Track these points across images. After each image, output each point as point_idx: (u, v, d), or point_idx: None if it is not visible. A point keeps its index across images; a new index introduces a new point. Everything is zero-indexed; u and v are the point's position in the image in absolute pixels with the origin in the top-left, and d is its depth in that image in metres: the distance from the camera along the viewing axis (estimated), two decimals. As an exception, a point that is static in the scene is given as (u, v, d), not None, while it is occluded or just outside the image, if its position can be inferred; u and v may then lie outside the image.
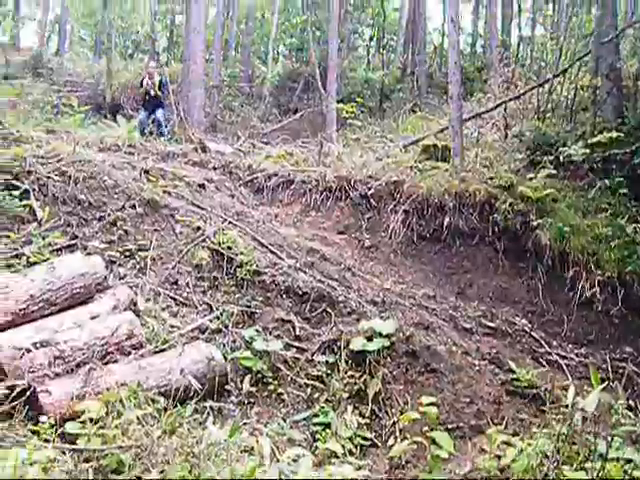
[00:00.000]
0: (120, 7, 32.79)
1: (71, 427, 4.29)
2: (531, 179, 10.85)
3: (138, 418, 4.38)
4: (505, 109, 15.81)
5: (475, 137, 15.16)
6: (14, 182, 7.02)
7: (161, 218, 7.44)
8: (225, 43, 31.25)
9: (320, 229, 10.19)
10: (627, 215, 10.80)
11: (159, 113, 16.19)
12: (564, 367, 7.19)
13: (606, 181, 11.46)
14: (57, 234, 6.63)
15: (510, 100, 16.28)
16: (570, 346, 8.50)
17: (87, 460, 3.96)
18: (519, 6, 31.38)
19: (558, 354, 7.85)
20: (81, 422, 4.28)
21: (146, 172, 9.07)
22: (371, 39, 35.50)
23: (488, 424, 5.39)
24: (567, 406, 5.53)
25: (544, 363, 7.14)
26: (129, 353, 5.22)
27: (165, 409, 4.62)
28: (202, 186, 9.59)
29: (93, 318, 5.37)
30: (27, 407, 4.44)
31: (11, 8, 38.23)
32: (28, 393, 4.45)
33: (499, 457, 4.83)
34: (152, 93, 15.98)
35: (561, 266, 9.79)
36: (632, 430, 5.34)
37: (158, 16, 34.67)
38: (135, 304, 5.84)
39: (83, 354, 4.94)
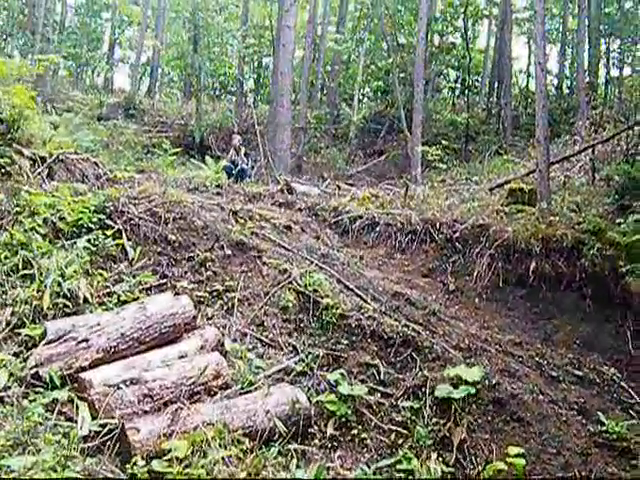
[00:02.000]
0: (209, 50, 33.67)
1: (158, 465, 4.35)
2: (620, 224, 10.61)
3: (223, 459, 4.42)
4: (593, 152, 15.59)
5: (562, 180, 14.95)
6: (108, 222, 7.25)
7: (248, 259, 7.56)
8: (312, 85, 31.71)
9: (405, 272, 10.16)
10: None
11: (244, 165, 16.68)
12: (655, 419, 6.92)
13: (700, 227, 11.13)
14: (147, 273, 6.81)
15: (598, 143, 16.06)
16: (661, 397, 8.19)
17: (173, 498, 4.02)
18: (607, 47, 30.94)
19: (649, 405, 7.57)
20: (167, 460, 4.36)
21: (234, 213, 9.23)
22: (456, 81, 35.53)
23: (576, 477, 5.25)
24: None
25: (634, 414, 6.89)
26: (215, 393, 5.29)
27: (250, 450, 4.66)
28: (288, 228, 9.69)
29: (181, 357, 5.47)
30: (116, 444, 4.54)
31: (106, 51, 39.85)
32: (117, 430, 4.55)
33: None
34: (239, 166, 16.48)
35: (651, 312, 9.51)
36: None
37: (246, 58, 35.47)
38: (222, 344, 5.93)
39: (171, 393, 5.03)
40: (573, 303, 9.70)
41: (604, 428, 5.87)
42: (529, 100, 28.91)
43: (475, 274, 9.93)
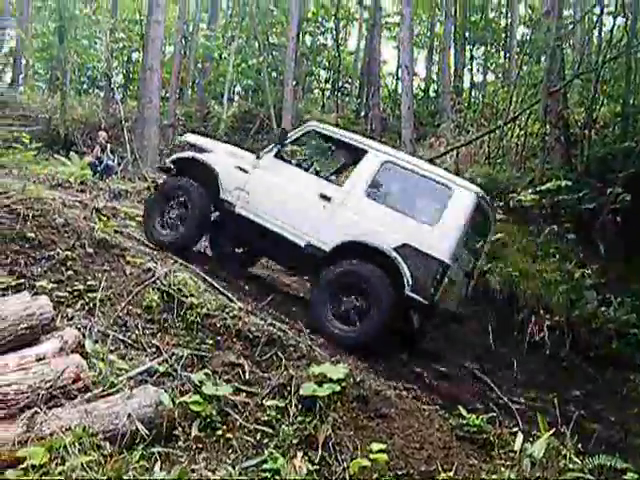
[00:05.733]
0: (76, 42, 32.68)
1: (12, 474, 4.16)
2: (482, 224, 11.00)
3: (83, 464, 4.28)
4: (457, 154, 16.10)
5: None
6: (-40, 219, 6.92)
7: (111, 258, 7.36)
8: (182, 82, 31.36)
9: (274, 270, 10.20)
10: (574, 260, 11.02)
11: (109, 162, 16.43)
12: (514, 411, 7.21)
13: (555, 226, 11.71)
14: (4, 273, 6.52)
15: (462, 146, 16.60)
16: (519, 390, 8.56)
17: (28, 509, 3.87)
18: (471, 53, 32.09)
19: (507, 398, 7.90)
20: (23, 469, 4.17)
21: (97, 211, 8.99)
22: (326, 82, 35.93)
23: (438, 470, 5.38)
24: (516, 451, 5.59)
25: (493, 407, 7.16)
26: (75, 397, 5.10)
27: (111, 455, 4.53)
28: (154, 226, 9.49)
29: (39, 360, 5.25)
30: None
31: (-35, 40, 37.99)
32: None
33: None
34: (105, 162, 16.21)
35: (511, 310, 9.91)
36: (580, 476, 5.39)
37: (115, 53, 34.66)
38: (83, 346, 5.73)
39: (27, 398, 4.82)
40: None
41: (465, 421, 6.05)
42: (397, 102, 29.59)
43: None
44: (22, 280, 6.53)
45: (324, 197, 8.59)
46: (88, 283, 6.75)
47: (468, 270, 8.82)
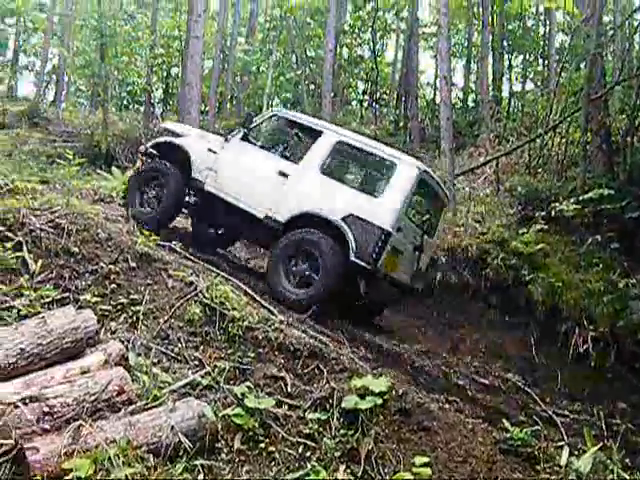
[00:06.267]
0: (116, 59, 33.09)
1: (59, 486, 4.22)
2: (523, 234, 10.91)
3: (127, 477, 4.32)
4: (497, 164, 15.99)
5: (467, 192, 15.27)
6: (8, 233, 7.02)
7: (154, 272, 7.42)
8: (221, 96, 31.56)
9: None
10: (618, 270, 10.84)
11: None
12: (558, 424, 7.11)
13: (597, 236, 11.55)
14: (49, 287, 6.61)
15: (502, 155, 16.48)
16: (564, 402, 8.43)
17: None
18: (510, 62, 31.86)
19: (552, 411, 7.78)
20: (69, 480, 4.22)
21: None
22: (364, 93, 35.95)
23: (481, 484, 5.32)
24: (562, 466, 5.50)
25: (537, 420, 7.06)
26: (119, 409, 5.15)
27: (155, 467, 4.56)
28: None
29: (84, 373, 5.31)
30: (14, 465, 4.37)
31: (10, 58, 38.75)
32: (15, 450, 4.39)
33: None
34: None
35: (554, 321, 9.79)
36: (627, 490, 5.30)
37: (154, 68, 35.04)
38: (126, 359, 5.79)
39: (73, 410, 4.88)
40: (479, 312, 9.93)
41: (509, 435, 5.98)
42: (435, 113, 29.48)
43: (382, 285, 10.01)
44: (67, 294, 6.61)
45: (282, 174, 9.39)
46: (131, 297, 6.82)
47: (417, 244, 9.35)
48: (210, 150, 10.01)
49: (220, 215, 9.72)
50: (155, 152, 10.36)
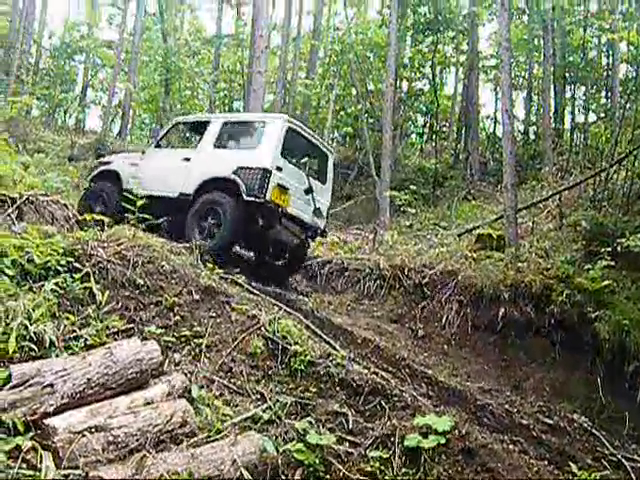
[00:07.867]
0: (180, 93, 33.74)
1: (122, 517, 4.25)
2: (588, 270, 10.67)
3: (189, 509, 4.33)
4: (560, 198, 15.77)
5: (530, 226, 15.09)
6: (76, 264, 7.15)
7: (217, 304, 7.48)
8: (281, 129, 31.78)
9: (374, 317, 10.15)
10: (689, 309, 10.53)
11: None
12: (628, 469, 6.87)
13: (666, 273, 11.23)
14: (115, 317, 6.70)
15: (565, 189, 16.26)
16: (633, 446, 8.15)
17: None
18: (572, 94, 31.52)
19: (621, 455, 7.51)
20: (132, 512, 4.25)
21: (202, 257, 9.20)
22: (424, 126, 35.95)
23: (547, 528, 5.19)
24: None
25: (606, 464, 6.84)
26: (182, 441, 5.18)
27: (216, 501, 4.57)
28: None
29: (147, 404, 5.36)
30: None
31: (78, 93, 39.93)
32: (81, 479, 4.44)
33: None
34: None
35: (621, 360, 9.52)
36: None
37: (217, 102, 35.64)
38: (189, 391, 5.83)
39: (136, 440, 4.92)
40: (542, 349, 9.72)
41: (576, 478, 5.82)
42: (496, 146, 29.29)
43: (444, 320, 9.96)
44: (131, 325, 6.70)
45: (186, 159, 11.95)
46: (194, 329, 6.88)
47: (306, 187, 11.63)
48: (132, 164, 12.74)
49: (150, 208, 10.44)
50: (97, 178, 13.25)
